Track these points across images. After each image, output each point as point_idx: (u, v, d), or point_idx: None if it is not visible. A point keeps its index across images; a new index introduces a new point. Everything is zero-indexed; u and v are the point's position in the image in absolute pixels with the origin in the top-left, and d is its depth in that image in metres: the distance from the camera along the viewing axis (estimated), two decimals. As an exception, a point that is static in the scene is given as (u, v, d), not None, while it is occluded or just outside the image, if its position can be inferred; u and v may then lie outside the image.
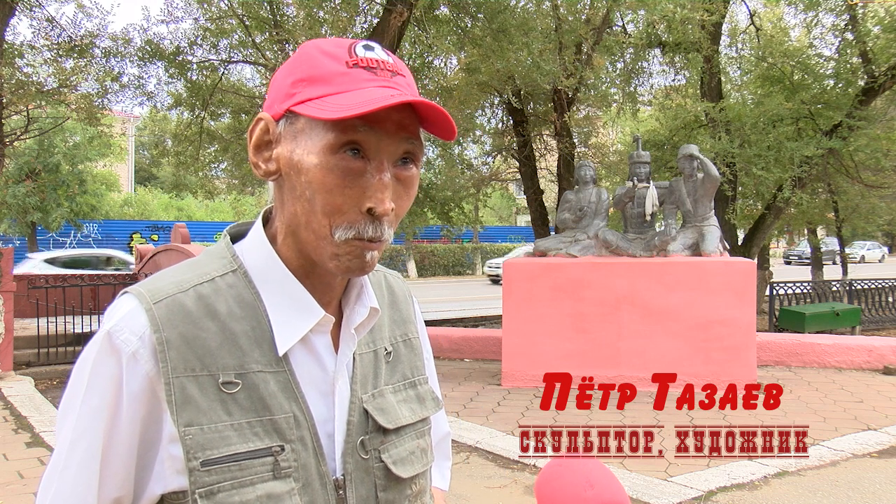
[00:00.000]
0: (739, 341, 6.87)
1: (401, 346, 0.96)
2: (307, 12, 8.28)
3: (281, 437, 0.78)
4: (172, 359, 0.75)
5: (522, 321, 7.38)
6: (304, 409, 0.81)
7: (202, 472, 0.74)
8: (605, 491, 0.90)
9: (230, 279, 0.81)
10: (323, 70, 0.77)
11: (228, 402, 0.77)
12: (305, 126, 0.77)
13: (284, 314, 0.81)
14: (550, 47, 9.02)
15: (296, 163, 0.78)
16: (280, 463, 0.77)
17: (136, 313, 0.76)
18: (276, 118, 0.80)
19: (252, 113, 10.87)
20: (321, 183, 0.76)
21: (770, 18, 13.94)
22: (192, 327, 0.77)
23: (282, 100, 0.79)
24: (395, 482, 0.87)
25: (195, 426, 0.75)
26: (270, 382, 0.79)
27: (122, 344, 0.75)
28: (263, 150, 0.81)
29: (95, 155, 19.52)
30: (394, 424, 0.88)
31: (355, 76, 0.77)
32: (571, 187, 9.00)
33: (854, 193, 13.03)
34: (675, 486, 4.33)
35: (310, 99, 0.76)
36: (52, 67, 9.42)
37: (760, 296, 11.82)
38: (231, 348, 0.78)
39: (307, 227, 0.79)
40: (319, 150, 0.76)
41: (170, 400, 0.74)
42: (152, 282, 0.80)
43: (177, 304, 0.77)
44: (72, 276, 12.26)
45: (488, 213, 32.80)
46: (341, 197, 0.77)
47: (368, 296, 0.89)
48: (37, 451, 5.31)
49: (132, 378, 0.75)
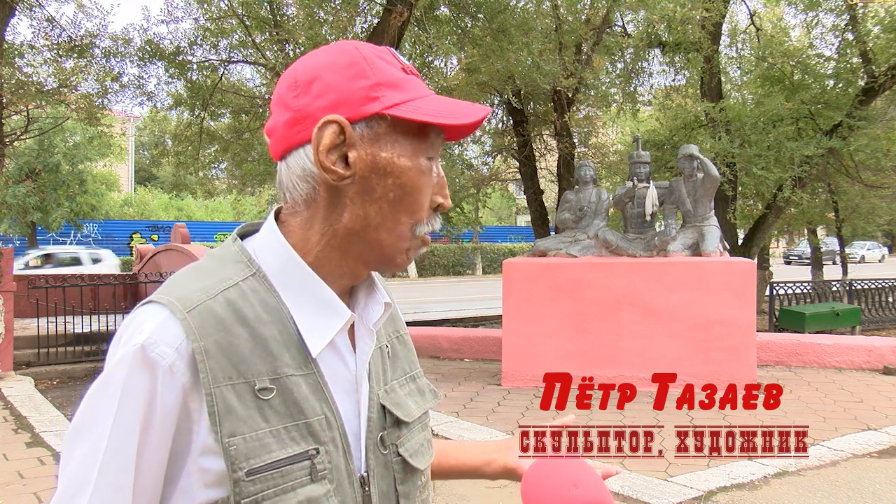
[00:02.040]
0: (739, 341, 6.87)
1: (395, 343, 0.97)
2: (307, 12, 8.28)
3: (315, 440, 0.78)
4: (212, 368, 0.73)
5: (522, 321, 7.38)
6: (333, 410, 0.81)
7: (247, 482, 0.73)
8: (589, 490, 0.91)
9: (252, 283, 0.80)
10: (392, 76, 0.81)
11: (265, 408, 0.76)
12: (389, 130, 0.79)
13: (310, 316, 0.81)
14: (550, 47, 9.02)
15: (383, 166, 0.80)
16: (316, 466, 0.77)
17: (170, 324, 0.74)
18: (352, 121, 0.79)
19: (252, 113, 10.87)
20: (415, 184, 0.81)
21: (770, 18, 13.94)
22: (226, 334, 0.75)
23: (360, 102, 0.78)
24: (410, 474, 0.88)
25: (238, 436, 0.73)
26: (302, 385, 0.79)
27: (157, 357, 0.72)
28: (331, 153, 0.79)
29: (95, 155, 19.53)
30: (409, 417, 0.90)
31: (416, 83, 0.83)
32: (571, 187, 9.00)
33: (854, 193, 13.03)
34: (675, 486, 4.33)
35: (397, 104, 0.79)
36: (52, 67, 9.41)
37: (760, 296, 11.81)
38: (262, 353, 0.77)
39: (381, 227, 0.82)
40: (411, 154, 0.81)
41: (212, 411, 0.73)
42: (175, 289, 0.77)
43: (208, 311, 0.75)
44: (72, 276, 12.26)
45: (487, 214, 32.76)
46: (424, 196, 0.83)
47: (381, 292, 0.90)
48: (37, 451, 5.30)
49: (167, 391, 0.73)
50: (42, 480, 4.63)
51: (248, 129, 11.02)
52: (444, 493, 4.31)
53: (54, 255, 18.17)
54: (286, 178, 0.83)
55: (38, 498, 4.32)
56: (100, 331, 9.49)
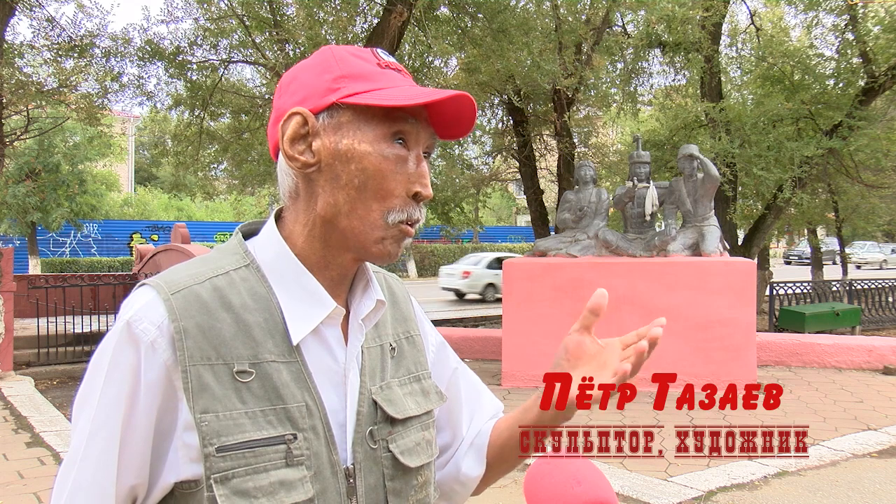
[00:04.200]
0: (739, 341, 6.87)
1: (404, 343, 0.99)
2: (307, 12, 8.27)
3: (293, 426, 0.80)
4: (189, 347, 0.77)
5: (522, 321, 7.38)
6: (315, 399, 0.83)
7: (217, 457, 0.76)
8: (592, 488, 0.91)
9: (243, 273, 0.84)
10: (361, 69, 0.84)
11: (242, 390, 0.79)
12: (353, 118, 0.83)
13: (297, 306, 0.84)
14: (550, 47, 9.02)
15: (344, 152, 0.83)
16: (293, 451, 0.79)
17: (155, 303, 0.78)
18: (315, 112, 0.83)
19: (252, 113, 10.86)
20: (377, 169, 0.83)
21: (770, 18, 13.94)
22: (208, 317, 0.79)
23: (322, 94, 0.83)
24: (402, 472, 0.89)
25: (211, 413, 0.76)
26: (283, 372, 0.81)
27: (140, 333, 0.77)
28: (297, 144, 0.84)
29: (95, 155, 19.50)
30: (402, 415, 0.91)
31: (391, 76, 0.85)
32: (571, 187, 9.00)
33: (854, 193, 13.03)
34: (675, 486, 4.33)
35: (357, 93, 0.82)
36: (52, 67, 9.40)
37: (760, 296, 11.81)
38: (245, 339, 0.80)
39: (351, 214, 0.84)
40: (373, 140, 0.83)
41: (186, 388, 0.76)
42: (168, 274, 0.83)
43: (193, 294, 0.80)
44: (72, 276, 12.25)
45: (487, 214, 32.75)
46: (393, 182, 0.84)
47: (374, 289, 0.92)
48: (37, 451, 5.30)
49: (150, 367, 0.76)
50: (42, 480, 4.63)
51: (248, 129, 11.02)
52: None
53: None
54: (279, 175, 0.88)
55: (38, 498, 4.32)
56: (100, 331, 9.50)
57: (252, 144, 11.00)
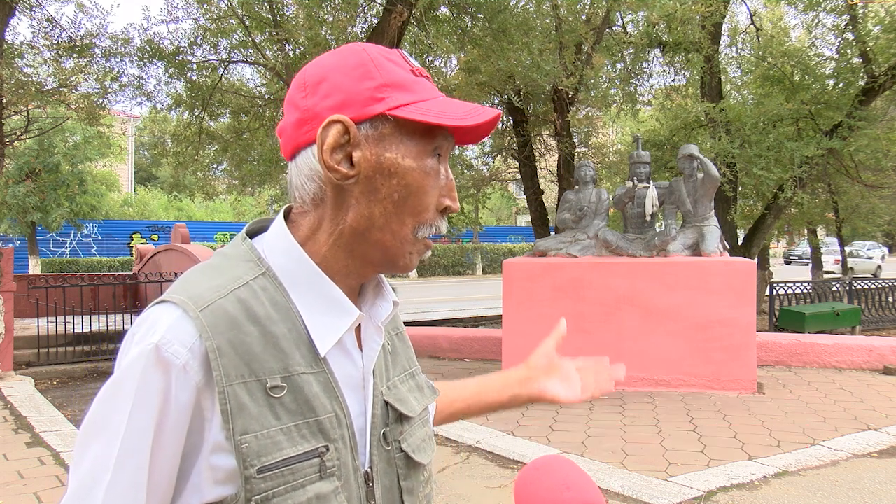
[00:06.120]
0: (739, 341, 6.87)
1: (395, 340, 0.98)
2: (307, 12, 8.27)
3: (325, 438, 0.79)
4: (224, 367, 0.74)
5: (522, 321, 7.38)
6: (344, 408, 0.82)
7: (258, 479, 0.73)
8: (581, 493, 0.92)
9: (262, 282, 0.80)
10: (400, 77, 0.81)
11: (276, 406, 0.76)
12: (394, 130, 0.80)
13: (319, 315, 0.81)
14: (550, 47, 9.02)
15: (387, 166, 0.80)
16: (325, 463, 0.78)
17: (183, 323, 0.74)
18: (357, 121, 0.80)
19: (252, 113, 10.86)
20: (420, 185, 0.82)
21: (770, 18, 13.95)
22: (238, 333, 0.76)
23: (365, 103, 0.79)
24: (413, 470, 0.89)
25: (250, 434, 0.74)
26: (313, 383, 0.79)
27: (171, 357, 0.72)
28: (336, 153, 0.80)
29: (95, 155, 19.49)
30: (413, 412, 0.91)
31: (424, 85, 0.83)
32: (571, 187, 9.00)
33: (854, 193, 13.04)
34: (675, 486, 4.32)
35: (402, 105, 0.79)
36: (52, 67, 9.40)
37: (760, 296, 11.83)
38: (274, 352, 0.77)
39: (384, 229, 0.82)
40: (416, 155, 0.81)
41: (224, 409, 0.73)
42: (187, 288, 0.77)
43: (221, 309, 0.76)
44: (72, 276, 12.25)
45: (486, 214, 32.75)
46: (429, 197, 0.83)
47: (388, 291, 0.92)
48: (37, 451, 5.30)
49: (181, 390, 0.73)
50: (42, 480, 4.63)
51: (248, 130, 11.02)
52: (444, 493, 4.31)
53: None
54: (296, 177, 0.84)
55: (38, 498, 4.32)
56: (100, 331, 9.50)
57: (252, 144, 11.00)
